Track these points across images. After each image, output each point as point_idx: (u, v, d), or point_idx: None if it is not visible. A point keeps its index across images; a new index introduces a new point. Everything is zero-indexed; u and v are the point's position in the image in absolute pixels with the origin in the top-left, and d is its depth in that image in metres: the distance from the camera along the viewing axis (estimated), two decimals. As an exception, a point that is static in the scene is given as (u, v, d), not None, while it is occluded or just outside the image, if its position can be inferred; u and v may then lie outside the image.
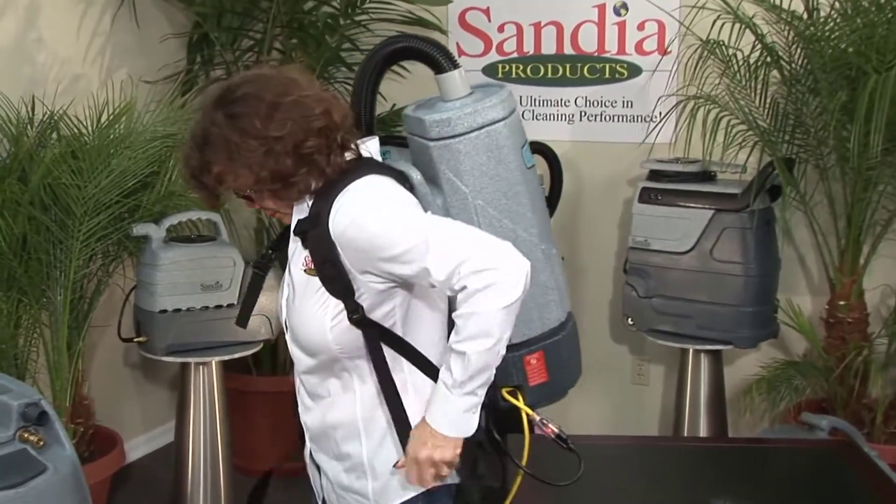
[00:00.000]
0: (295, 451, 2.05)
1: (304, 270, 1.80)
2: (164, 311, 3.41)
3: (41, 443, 2.24)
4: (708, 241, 3.57)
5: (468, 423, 1.73)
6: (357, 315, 1.74)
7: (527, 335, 1.89)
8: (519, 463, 1.84)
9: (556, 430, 1.84)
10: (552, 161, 3.97)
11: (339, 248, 1.72)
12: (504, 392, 1.88)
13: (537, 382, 1.90)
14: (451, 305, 1.75)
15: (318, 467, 1.98)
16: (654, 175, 3.72)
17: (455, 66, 1.88)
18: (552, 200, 3.99)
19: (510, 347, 1.79)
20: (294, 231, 1.80)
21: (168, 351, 3.44)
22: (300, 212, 1.81)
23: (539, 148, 3.96)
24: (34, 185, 3.20)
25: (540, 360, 1.90)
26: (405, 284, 1.76)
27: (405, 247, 1.68)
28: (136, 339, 3.49)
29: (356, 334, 1.76)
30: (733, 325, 3.56)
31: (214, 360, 3.56)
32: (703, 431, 3.75)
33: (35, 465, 2.22)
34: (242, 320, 2.02)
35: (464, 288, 1.65)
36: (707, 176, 3.67)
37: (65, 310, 3.35)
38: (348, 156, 1.77)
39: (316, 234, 1.73)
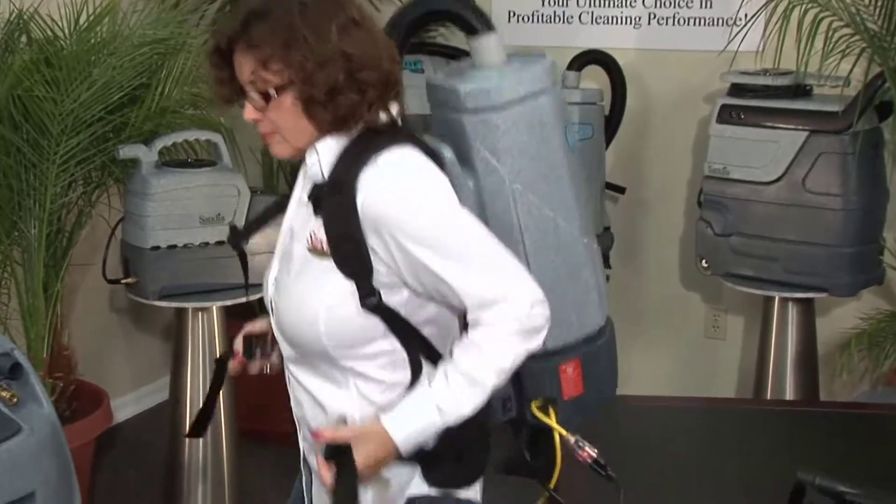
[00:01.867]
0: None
1: (309, 249, 1.81)
2: (157, 248, 3.41)
3: (14, 399, 2.26)
4: (800, 168, 3.56)
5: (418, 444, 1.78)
6: (373, 299, 1.77)
7: (564, 340, 1.89)
8: (548, 487, 1.88)
9: (592, 455, 1.85)
10: (614, 73, 3.96)
11: (360, 221, 1.75)
12: (534, 407, 1.88)
13: (572, 396, 1.91)
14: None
15: (310, 469, 2.00)
16: (737, 90, 3.70)
17: (491, 28, 1.90)
18: (613, 121, 3.99)
19: (543, 356, 1.83)
20: (308, 196, 1.83)
21: (161, 294, 3.44)
22: (311, 172, 1.82)
23: (599, 57, 3.97)
24: (1, 98, 3.20)
25: (576, 369, 1.91)
26: None
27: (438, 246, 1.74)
28: (123, 281, 3.50)
29: (352, 329, 1.79)
30: (829, 268, 3.55)
31: (215, 306, 3.56)
32: (789, 394, 3.75)
33: (8, 425, 2.24)
34: (238, 237, 2.08)
35: (482, 322, 1.74)
36: (801, 90, 3.64)
37: (40, 245, 3.36)
38: (383, 117, 1.81)
39: (336, 201, 1.76)
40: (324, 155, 1.79)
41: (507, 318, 1.73)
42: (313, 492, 2.00)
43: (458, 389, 1.75)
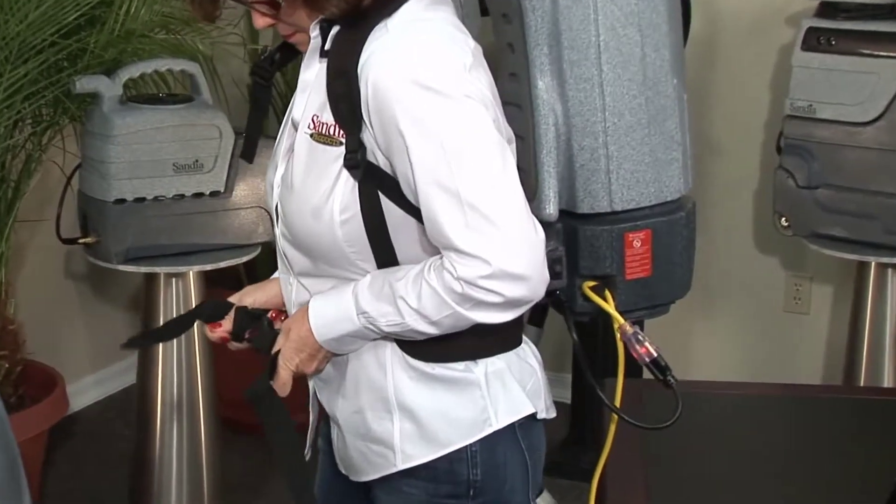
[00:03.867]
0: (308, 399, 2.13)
1: (312, 135, 1.89)
2: (121, 201, 3.42)
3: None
4: (904, 106, 3.56)
5: (337, 341, 1.91)
6: (356, 157, 1.83)
7: (635, 202, 1.94)
8: (607, 400, 1.93)
9: (653, 352, 1.89)
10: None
11: (361, 88, 1.82)
12: (586, 287, 1.93)
13: (636, 276, 1.94)
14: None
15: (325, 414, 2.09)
16: (827, 9, 3.68)
17: None
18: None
19: (606, 217, 1.92)
20: (322, 53, 1.90)
21: (127, 257, 3.45)
22: (313, 46, 1.91)
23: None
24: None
25: (646, 242, 1.94)
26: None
27: (432, 149, 1.79)
28: (81, 241, 3.51)
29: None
30: (937, 228, 3.56)
31: (192, 271, 3.59)
32: (887, 380, 3.75)
33: (-60, 413, 2.25)
34: (248, 153, 2.12)
35: (454, 269, 1.80)
36: (906, 10, 3.62)
37: (-20, 198, 3.42)
38: None
39: (336, 68, 1.84)
40: (326, 28, 1.88)
41: (464, 275, 1.78)
42: (335, 439, 2.07)
43: (384, 303, 1.84)
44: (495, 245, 1.77)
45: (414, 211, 1.84)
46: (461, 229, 1.77)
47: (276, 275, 2.11)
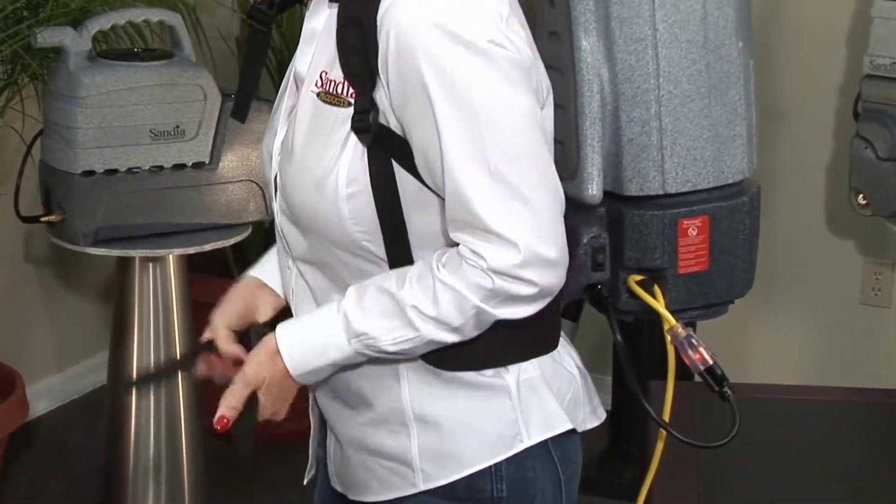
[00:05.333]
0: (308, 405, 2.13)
1: (318, 95, 1.88)
2: (90, 174, 3.42)
3: None
4: None
5: (316, 373, 1.90)
6: (367, 119, 1.82)
7: (692, 183, 1.95)
8: (653, 413, 1.93)
9: (709, 359, 1.89)
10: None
11: (379, 42, 1.80)
12: (632, 281, 1.94)
13: (690, 270, 1.95)
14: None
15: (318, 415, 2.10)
16: (913, -51, 3.67)
17: None
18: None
19: (657, 201, 1.91)
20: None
21: (97, 238, 3.45)
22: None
23: None
24: None
25: (703, 231, 1.95)
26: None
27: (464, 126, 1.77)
28: (43, 219, 3.51)
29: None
30: None
31: (172, 255, 3.60)
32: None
33: None
34: (240, 111, 2.12)
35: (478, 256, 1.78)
36: None
37: (-73, 168, 3.42)
38: None
39: (348, 16, 1.84)
40: None
41: (496, 264, 1.76)
42: (331, 452, 2.08)
43: (387, 318, 1.81)
44: (529, 227, 1.76)
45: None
46: (493, 207, 1.76)
47: (265, 258, 2.11)
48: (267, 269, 2.10)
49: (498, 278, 1.75)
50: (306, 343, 1.87)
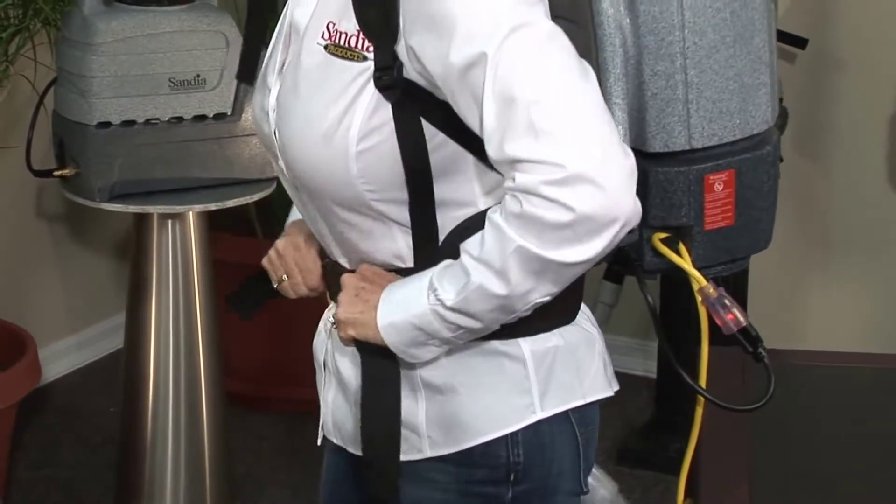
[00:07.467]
0: None
1: (326, 47, 1.88)
2: (106, 125, 3.40)
3: None
4: None
5: (411, 348, 1.89)
6: (392, 74, 1.80)
7: (718, 136, 1.95)
8: (686, 376, 1.94)
9: (742, 320, 1.91)
10: None
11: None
12: (656, 239, 1.95)
13: (716, 226, 1.97)
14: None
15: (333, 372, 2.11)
16: None
17: None
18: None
19: (683, 157, 1.90)
20: None
21: (113, 193, 3.44)
22: None
23: None
24: None
25: (729, 185, 1.96)
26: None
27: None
28: (57, 173, 3.50)
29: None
30: None
31: (193, 211, 3.59)
32: None
33: None
34: (247, 72, 2.11)
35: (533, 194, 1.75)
36: None
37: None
38: None
39: None
40: None
41: (523, 181, 1.72)
42: (331, 404, 2.11)
43: (450, 269, 1.83)
44: (567, 145, 1.72)
45: (466, 139, 1.83)
46: (525, 133, 1.72)
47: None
48: None
49: (526, 200, 1.72)
50: (397, 294, 1.88)
